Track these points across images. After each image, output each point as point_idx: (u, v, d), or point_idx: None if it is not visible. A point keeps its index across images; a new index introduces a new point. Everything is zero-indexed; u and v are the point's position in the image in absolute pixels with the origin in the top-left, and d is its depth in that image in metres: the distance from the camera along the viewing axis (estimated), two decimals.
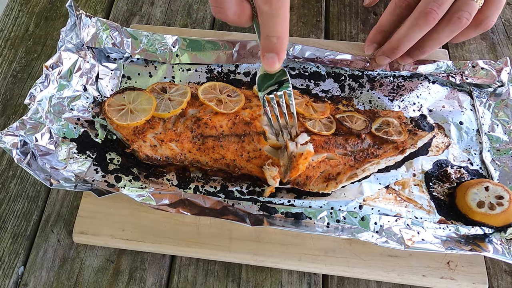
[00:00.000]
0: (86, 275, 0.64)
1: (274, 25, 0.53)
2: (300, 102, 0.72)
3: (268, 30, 0.53)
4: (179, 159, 0.68)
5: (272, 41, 0.54)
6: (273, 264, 0.64)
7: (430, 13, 0.64)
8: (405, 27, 0.68)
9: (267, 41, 0.54)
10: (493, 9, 0.67)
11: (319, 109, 0.72)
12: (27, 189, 0.71)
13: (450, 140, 0.74)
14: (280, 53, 0.55)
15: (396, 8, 0.71)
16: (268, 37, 0.54)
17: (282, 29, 0.53)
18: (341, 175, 0.66)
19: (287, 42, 0.55)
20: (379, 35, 0.75)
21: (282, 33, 0.53)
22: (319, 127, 0.69)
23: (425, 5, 0.64)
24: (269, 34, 0.53)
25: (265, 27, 0.53)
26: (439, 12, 0.64)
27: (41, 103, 0.68)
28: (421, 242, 0.62)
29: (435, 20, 0.64)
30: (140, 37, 0.78)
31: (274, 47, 0.54)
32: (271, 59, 0.55)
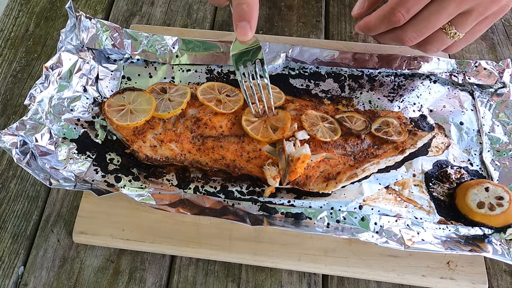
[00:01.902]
0: (86, 275, 0.64)
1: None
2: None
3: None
4: (179, 160, 0.68)
5: (243, 8, 0.56)
6: (273, 264, 0.64)
7: (397, 16, 0.62)
8: (374, 17, 0.65)
9: (239, 8, 0.56)
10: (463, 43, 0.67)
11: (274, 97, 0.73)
12: (27, 189, 0.71)
13: (450, 141, 0.74)
14: (251, 21, 0.57)
15: None
16: (239, 4, 0.56)
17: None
18: (341, 175, 0.66)
19: (257, 10, 0.56)
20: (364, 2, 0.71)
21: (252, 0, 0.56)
22: (328, 134, 0.69)
23: (395, 5, 0.61)
24: (240, 1, 0.56)
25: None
26: (406, 18, 0.62)
27: (41, 104, 0.68)
28: (421, 242, 0.62)
29: (400, 23, 0.63)
30: (140, 38, 0.79)
31: (246, 14, 0.56)
32: (244, 27, 0.57)
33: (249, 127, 0.68)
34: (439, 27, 0.63)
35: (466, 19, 0.62)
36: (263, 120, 0.69)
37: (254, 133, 0.67)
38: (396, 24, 0.63)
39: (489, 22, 0.64)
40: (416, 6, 0.60)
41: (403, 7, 0.60)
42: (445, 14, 0.60)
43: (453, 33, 0.63)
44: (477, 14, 0.61)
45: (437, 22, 0.62)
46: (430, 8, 0.60)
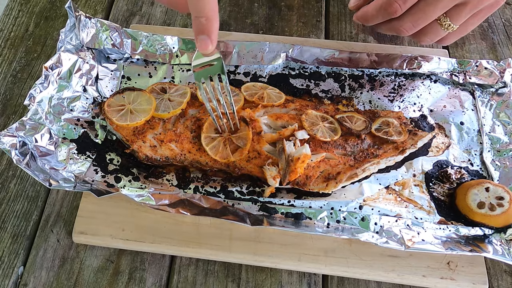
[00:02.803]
0: (86, 275, 0.64)
1: (200, 4, 0.52)
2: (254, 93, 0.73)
3: (195, 10, 0.53)
4: (179, 160, 0.68)
5: (202, 22, 0.53)
6: (273, 264, 0.64)
7: (394, 7, 0.63)
8: (372, 7, 0.67)
9: (197, 22, 0.53)
10: (457, 35, 0.69)
11: (274, 96, 0.73)
12: (27, 189, 0.71)
13: (451, 141, 0.74)
14: (211, 35, 0.54)
15: None
16: (196, 18, 0.53)
17: (210, 9, 0.53)
18: (341, 175, 0.66)
19: (217, 23, 0.54)
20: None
21: (210, 13, 0.53)
22: (328, 134, 0.69)
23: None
24: (197, 15, 0.53)
25: (192, 7, 0.53)
26: (403, 9, 0.63)
27: (40, 104, 0.68)
28: (421, 242, 0.62)
29: (397, 14, 0.64)
30: (140, 37, 0.78)
31: (204, 28, 0.53)
32: (204, 41, 0.54)
33: (209, 146, 0.67)
34: (434, 18, 0.64)
35: (461, 11, 0.64)
36: (224, 138, 0.68)
37: (212, 152, 0.66)
38: (393, 15, 0.64)
39: (483, 15, 0.66)
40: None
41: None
42: (441, 6, 0.62)
43: (448, 24, 0.65)
44: (472, 6, 0.63)
45: (433, 13, 0.63)
46: (427, 0, 0.62)
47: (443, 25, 0.66)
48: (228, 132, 0.68)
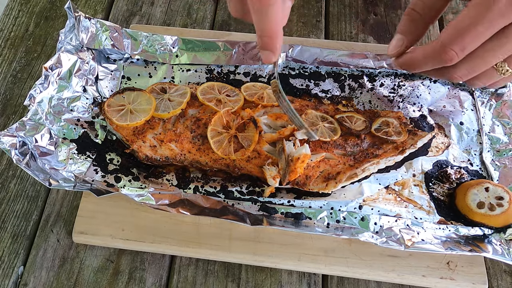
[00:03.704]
0: (86, 275, 0.64)
1: (264, 23, 0.53)
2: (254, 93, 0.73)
3: (259, 29, 0.54)
4: (179, 160, 0.68)
5: (264, 40, 0.55)
6: (273, 264, 0.64)
7: (449, 55, 0.55)
8: (421, 53, 0.59)
9: (260, 40, 0.55)
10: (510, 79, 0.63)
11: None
12: (27, 189, 0.71)
13: (450, 141, 0.74)
14: (274, 51, 0.56)
15: None
16: (260, 36, 0.55)
17: (273, 28, 0.54)
18: (341, 175, 0.66)
19: (280, 40, 0.55)
20: (412, 24, 0.61)
21: (273, 32, 0.54)
22: (328, 134, 0.69)
23: (448, 42, 0.55)
24: (261, 34, 0.55)
25: (257, 25, 0.54)
26: (460, 56, 0.56)
27: (40, 104, 0.68)
28: (421, 242, 0.62)
29: (453, 62, 0.56)
30: (140, 38, 0.78)
31: (267, 45, 0.56)
32: (267, 55, 0.57)
33: (213, 139, 0.67)
34: (493, 65, 0.58)
35: None
36: (229, 134, 0.68)
37: (215, 146, 0.66)
38: (448, 63, 0.57)
39: None
40: (473, 44, 0.54)
41: (458, 45, 0.54)
42: (502, 52, 0.56)
43: (505, 70, 0.59)
44: None
45: (493, 60, 0.57)
46: (487, 46, 0.55)
47: (499, 70, 0.59)
48: (235, 130, 0.68)
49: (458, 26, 0.54)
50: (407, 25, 0.61)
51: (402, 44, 0.62)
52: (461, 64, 0.58)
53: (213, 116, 0.69)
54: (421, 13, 0.59)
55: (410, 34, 0.61)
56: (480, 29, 0.53)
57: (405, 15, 0.60)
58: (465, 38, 0.54)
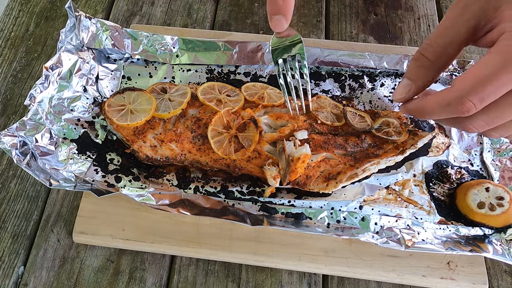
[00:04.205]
0: (86, 275, 0.64)
1: None
2: (254, 93, 0.74)
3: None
4: (179, 160, 0.68)
5: (278, 2, 0.55)
6: (273, 264, 0.64)
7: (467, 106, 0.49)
8: (434, 102, 0.53)
9: (273, 2, 0.55)
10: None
11: (274, 96, 0.74)
12: (27, 189, 0.71)
13: (451, 141, 0.74)
14: (287, 14, 0.56)
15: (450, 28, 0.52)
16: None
17: None
18: (341, 175, 0.66)
19: (293, 3, 0.55)
20: (421, 70, 0.55)
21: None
22: (331, 117, 0.71)
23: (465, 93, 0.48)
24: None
25: None
26: (478, 108, 0.49)
27: (41, 104, 0.68)
28: (421, 242, 0.62)
29: (470, 113, 0.50)
30: (140, 37, 0.78)
31: (281, 8, 0.55)
32: (279, 20, 0.56)
33: (214, 139, 0.67)
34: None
35: None
36: (230, 134, 0.68)
37: (215, 146, 0.67)
38: (464, 114, 0.50)
39: None
40: (493, 96, 0.48)
41: (476, 96, 0.48)
42: None
43: None
44: None
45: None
46: (508, 99, 0.49)
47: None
48: (235, 130, 0.68)
49: (478, 74, 0.48)
50: (415, 70, 0.55)
51: (409, 91, 0.57)
52: (478, 115, 0.51)
53: (213, 116, 0.69)
54: (431, 59, 0.54)
55: (419, 80, 0.56)
56: (503, 78, 0.47)
57: (414, 60, 0.55)
58: (486, 88, 0.48)
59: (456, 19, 0.52)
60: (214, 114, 0.69)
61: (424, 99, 0.54)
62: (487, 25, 0.50)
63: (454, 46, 0.52)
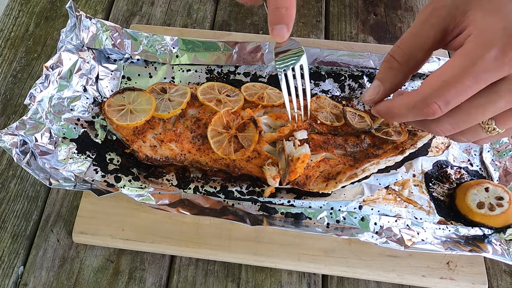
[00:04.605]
0: (86, 275, 0.64)
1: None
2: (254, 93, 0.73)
3: (276, 2, 0.54)
4: (179, 160, 0.68)
5: (281, 12, 0.54)
6: (273, 264, 0.64)
7: (432, 109, 0.49)
8: (401, 104, 0.53)
9: (276, 12, 0.54)
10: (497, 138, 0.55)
11: (274, 96, 0.74)
12: (27, 189, 0.71)
13: (450, 141, 0.74)
14: (289, 24, 0.55)
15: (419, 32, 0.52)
16: (277, 8, 0.54)
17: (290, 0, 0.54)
18: (341, 175, 0.66)
19: (295, 12, 0.55)
20: (391, 72, 0.55)
21: (290, 3, 0.54)
22: (331, 118, 0.71)
23: (430, 95, 0.49)
24: (278, 6, 0.54)
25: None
26: (444, 111, 0.49)
27: (41, 103, 0.68)
28: (420, 242, 0.62)
29: (435, 116, 0.50)
30: (140, 38, 0.79)
31: (283, 18, 0.55)
32: (280, 30, 0.55)
33: (213, 139, 0.67)
34: (479, 122, 0.52)
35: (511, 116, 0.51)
36: (230, 134, 0.68)
37: (215, 146, 0.66)
38: (430, 117, 0.50)
39: None
40: (458, 99, 0.48)
41: (441, 99, 0.48)
42: (491, 110, 0.49)
43: (492, 128, 0.52)
44: None
45: (480, 117, 0.50)
46: (475, 102, 0.48)
47: (485, 128, 0.52)
48: (235, 130, 0.68)
49: (442, 77, 0.48)
50: (385, 72, 0.56)
51: (378, 92, 0.57)
52: (444, 119, 0.52)
53: (213, 116, 0.69)
54: (400, 61, 0.54)
55: (388, 82, 0.56)
56: (467, 82, 0.46)
57: (384, 61, 0.56)
58: (450, 91, 0.47)
59: (424, 24, 0.51)
60: (213, 114, 0.70)
61: (392, 101, 0.55)
62: (455, 29, 0.50)
63: (423, 49, 0.52)
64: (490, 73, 0.46)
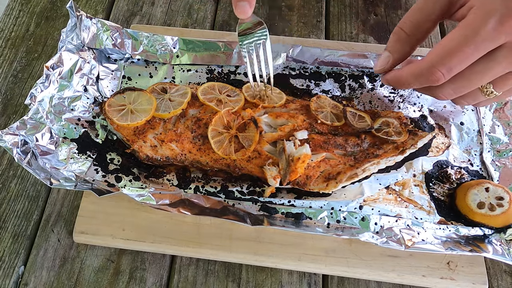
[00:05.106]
0: (87, 274, 0.65)
1: None
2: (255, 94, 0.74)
3: None
4: (180, 159, 0.68)
5: None
6: (273, 264, 0.64)
7: (436, 76, 0.55)
8: (408, 72, 0.59)
9: None
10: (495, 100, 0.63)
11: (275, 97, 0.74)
12: (28, 189, 0.71)
13: (451, 141, 0.74)
14: (251, 1, 0.59)
15: (426, 4, 0.58)
16: None
17: None
18: (341, 175, 0.66)
19: None
20: (399, 43, 0.61)
21: None
22: (331, 118, 0.71)
23: (435, 63, 0.54)
24: None
25: None
26: (447, 77, 0.55)
27: (41, 103, 0.68)
28: (421, 242, 0.63)
29: (439, 82, 0.56)
30: (141, 38, 0.79)
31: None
32: (243, 7, 0.59)
33: (214, 139, 0.67)
34: (478, 86, 0.58)
35: (509, 80, 0.57)
36: (230, 134, 0.68)
37: (216, 146, 0.67)
38: (434, 83, 0.56)
39: None
40: (460, 66, 0.54)
41: (445, 66, 0.54)
42: (490, 75, 0.55)
43: (490, 91, 0.59)
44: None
45: (479, 82, 0.57)
46: (475, 68, 0.54)
47: (484, 91, 0.59)
48: (235, 130, 0.68)
49: (445, 46, 0.53)
50: (394, 43, 0.61)
51: (388, 62, 0.63)
52: (447, 84, 0.57)
53: (213, 116, 0.69)
54: (408, 32, 0.59)
55: (397, 52, 0.62)
56: (468, 51, 0.52)
57: (393, 33, 0.61)
58: (453, 59, 0.53)
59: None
60: (214, 114, 0.70)
61: (399, 70, 0.60)
62: (459, 1, 0.55)
63: (430, 21, 0.58)
64: (488, 42, 0.51)
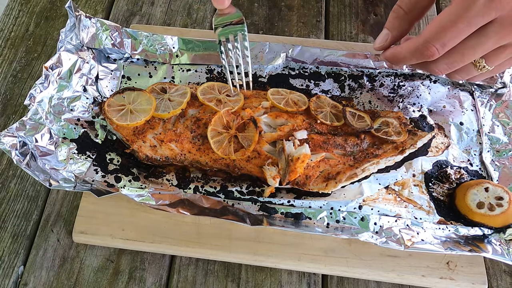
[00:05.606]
0: (86, 274, 0.65)
1: None
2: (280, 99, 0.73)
3: None
4: (179, 159, 0.68)
5: None
6: (273, 264, 0.64)
7: (431, 51, 0.58)
8: (405, 48, 0.62)
9: None
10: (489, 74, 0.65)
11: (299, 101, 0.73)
12: (27, 189, 0.71)
13: (450, 141, 0.74)
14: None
15: None
16: None
17: None
18: (341, 175, 0.66)
19: None
20: (398, 21, 0.64)
21: None
22: (330, 118, 0.71)
23: (430, 39, 0.57)
24: None
25: None
26: (441, 52, 0.58)
27: (41, 104, 0.68)
28: (420, 242, 0.63)
29: (434, 57, 0.59)
30: (140, 37, 0.79)
31: None
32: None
33: (213, 139, 0.67)
34: (471, 61, 0.61)
35: (499, 54, 0.60)
36: (230, 134, 0.68)
37: (215, 146, 0.67)
38: (430, 58, 0.59)
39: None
40: (453, 41, 0.57)
41: (439, 42, 0.57)
42: (481, 50, 0.58)
43: (482, 66, 0.62)
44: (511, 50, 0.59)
45: (472, 57, 0.59)
46: (467, 43, 0.57)
47: (477, 66, 0.62)
48: (235, 130, 0.68)
49: (439, 23, 0.56)
50: (392, 21, 0.64)
51: (387, 39, 0.66)
52: (441, 59, 0.60)
53: (213, 116, 0.69)
54: (406, 10, 0.62)
55: (395, 30, 0.65)
56: (460, 26, 0.54)
57: (392, 11, 0.64)
58: (446, 34, 0.56)
59: None
60: (213, 114, 0.70)
61: (398, 47, 0.63)
62: None
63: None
64: (480, 17, 0.53)
